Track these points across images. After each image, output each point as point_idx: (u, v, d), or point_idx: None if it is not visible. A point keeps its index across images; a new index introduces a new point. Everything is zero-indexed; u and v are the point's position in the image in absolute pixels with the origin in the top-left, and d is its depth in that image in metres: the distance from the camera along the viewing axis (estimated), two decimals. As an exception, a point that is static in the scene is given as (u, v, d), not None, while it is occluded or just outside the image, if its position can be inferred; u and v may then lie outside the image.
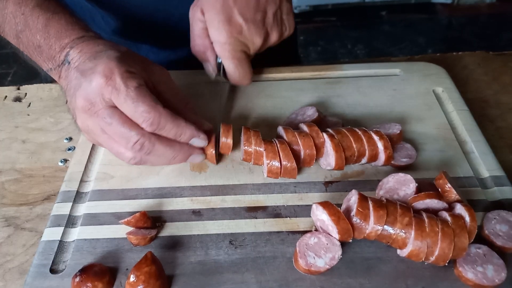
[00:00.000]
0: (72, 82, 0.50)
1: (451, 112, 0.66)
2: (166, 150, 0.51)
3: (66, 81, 0.51)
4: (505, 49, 0.84)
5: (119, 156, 0.51)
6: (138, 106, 0.47)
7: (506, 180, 0.55)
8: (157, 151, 0.50)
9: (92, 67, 0.48)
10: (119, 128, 0.48)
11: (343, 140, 0.54)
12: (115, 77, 0.47)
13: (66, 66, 0.52)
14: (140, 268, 0.43)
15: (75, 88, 0.49)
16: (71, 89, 0.50)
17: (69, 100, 0.51)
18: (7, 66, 2.47)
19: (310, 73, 0.73)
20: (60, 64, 0.52)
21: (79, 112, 0.50)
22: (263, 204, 0.53)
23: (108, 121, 0.48)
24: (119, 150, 0.50)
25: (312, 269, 0.44)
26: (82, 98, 0.48)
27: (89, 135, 0.52)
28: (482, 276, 0.44)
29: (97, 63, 0.48)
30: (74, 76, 0.50)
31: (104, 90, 0.47)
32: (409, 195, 0.50)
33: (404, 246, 0.45)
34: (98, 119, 0.48)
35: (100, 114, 0.48)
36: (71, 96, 0.50)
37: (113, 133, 0.49)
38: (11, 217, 0.55)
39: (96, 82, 0.47)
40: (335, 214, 0.45)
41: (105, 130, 0.49)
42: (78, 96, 0.48)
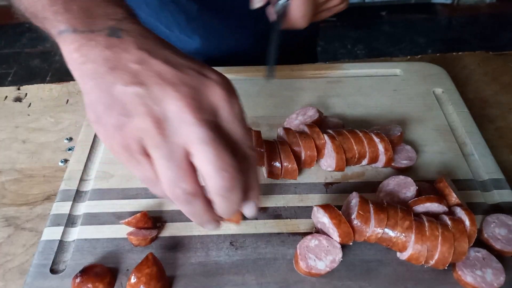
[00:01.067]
0: (129, 61, 0.37)
1: (451, 114, 0.66)
2: (238, 202, 0.39)
3: (99, 52, 0.37)
4: (505, 49, 0.84)
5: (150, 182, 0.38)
6: (249, 133, 0.38)
7: (505, 183, 0.55)
8: (238, 191, 0.38)
9: (189, 67, 0.38)
10: (221, 151, 0.36)
11: (344, 142, 0.54)
12: (234, 91, 0.38)
13: (107, 37, 0.38)
14: (141, 269, 0.43)
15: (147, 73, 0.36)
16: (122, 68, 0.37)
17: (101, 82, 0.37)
18: (7, 66, 2.47)
19: (311, 72, 0.74)
20: (96, 30, 0.38)
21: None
22: (263, 205, 0.53)
23: (209, 135, 0.35)
24: None
25: (312, 271, 0.44)
26: (187, 98, 0.36)
27: None
28: (481, 280, 0.44)
29: (200, 64, 0.38)
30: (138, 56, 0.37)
31: (222, 100, 0.37)
32: (409, 197, 0.50)
33: (404, 250, 0.45)
34: (193, 129, 0.35)
35: (202, 124, 0.36)
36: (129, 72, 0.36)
37: (206, 151, 0.35)
38: (11, 217, 0.55)
39: (218, 89, 0.37)
40: (336, 218, 0.45)
41: (196, 145, 0.35)
42: (173, 91, 0.36)
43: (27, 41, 2.63)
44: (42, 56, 2.50)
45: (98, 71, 0.37)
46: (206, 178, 0.36)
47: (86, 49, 0.37)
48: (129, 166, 0.39)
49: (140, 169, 0.38)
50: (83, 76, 0.38)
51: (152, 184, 0.38)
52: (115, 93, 0.36)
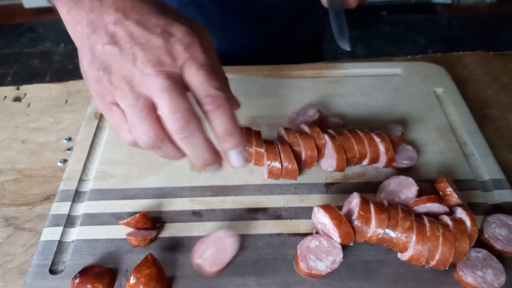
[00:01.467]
0: (107, 22, 0.42)
1: (451, 114, 0.66)
2: (202, 143, 0.41)
3: (84, 14, 0.43)
4: (505, 49, 0.84)
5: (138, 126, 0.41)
6: (212, 79, 0.41)
7: (506, 183, 0.55)
8: (193, 138, 0.41)
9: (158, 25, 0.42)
10: (174, 95, 0.39)
11: (345, 142, 0.54)
12: (197, 45, 0.42)
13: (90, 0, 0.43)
14: (140, 270, 0.43)
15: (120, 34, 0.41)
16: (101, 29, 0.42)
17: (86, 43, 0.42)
18: (7, 66, 2.46)
19: (311, 72, 0.73)
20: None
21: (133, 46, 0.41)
22: (263, 205, 0.53)
23: (165, 84, 0.39)
24: None
25: (313, 272, 0.44)
26: (149, 55, 0.40)
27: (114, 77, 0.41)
28: (481, 280, 0.44)
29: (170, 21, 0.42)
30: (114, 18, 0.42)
31: (181, 54, 0.41)
32: (410, 198, 0.50)
33: (405, 250, 0.45)
34: (154, 80, 0.39)
35: (160, 75, 0.40)
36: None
37: (163, 97, 0.40)
38: (11, 217, 0.55)
39: (178, 45, 0.41)
40: (337, 218, 0.45)
41: (155, 93, 0.40)
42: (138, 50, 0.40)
43: (27, 41, 2.63)
44: (41, 56, 2.50)
45: (84, 32, 0.43)
46: (165, 122, 0.41)
47: (74, 11, 0.44)
48: (104, 114, 0.44)
49: (112, 116, 0.43)
50: (75, 36, 0.45)
51: (122, 131, 0.43)
52: (96, 52, 0.42)
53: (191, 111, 0.40)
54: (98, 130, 0.63)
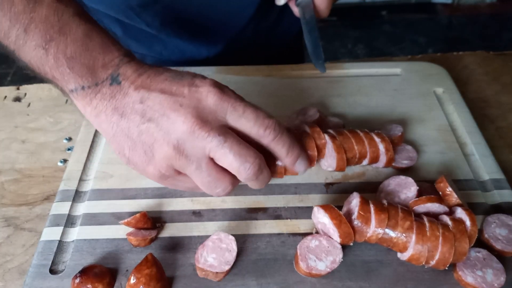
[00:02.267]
0: (132, 103, 0.41)
1: (451, 114, 0.66)
2: (268, 174, 0.45)
3: (107, 102, 0.42)
4: (506, 49, 0.84)
5: (222, 186, 0.43)
6: (259, 113, 0.42)
7: (506, 183, 0.55)
8: (263, 174, 0.44)
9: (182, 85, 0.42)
10: (236, 148, 0.41)
11: (345, 142, 0.54)
12: (227, 90, 0.42)
13: (110, 86, 0.42)
14: (140, 270, 0.43)
15: (150, 109, 0.41)
16: (130, 112, 0.42)
17: (118, 130, 0.42)
18: (7, 66, 2.46)
19: (311, 72, 0.73)
20: (99, 82, 0.42)
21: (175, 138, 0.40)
22: (263, 205, 0.53)
23: (222, 140, 0.40)
24: (224, 179, 0.43)
25: (313, 272, 0.44)
26: (190, 117, 0.40)
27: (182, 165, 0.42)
28: (481, 280, 0.44)
29: (191, 78, 0.42)
30: (138, 96, 0.42)
31: (220, 105, 0.41)
32: (410, 198, 0.50)
33: (404, 250, 0.45)
34: (208, 140, 0.40)
35: (212, 134, 0.40)
36: (135, 122, 0.41)
37: (226, 154, 0.41)
38: (10, 217, 0.55)
39: (211, 96, 0.41)
40: (337, 218, 0.45)
41: (215, 152, 0.41)
42: (176, 116, 0.40)
43: (27, 41, 2.63)
44: (42, 56, 2.49)
45: (112, 120, 0.42)
46: (235, 172, 0.42)
47: (95, 102, 0.42)
48: (172, 187, 0.46)
49: (180, 185, 0.45)
50: (100, 127, 0.43)
51: (197, 190, 0.45)
52: (133, 136, 0.42)
53: (255, 154, 0.42)
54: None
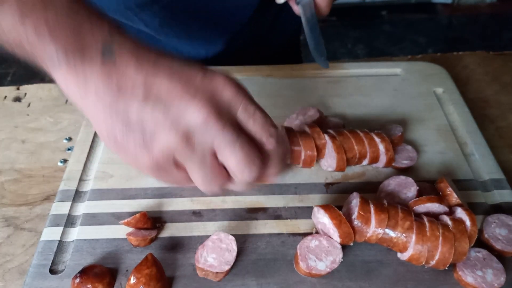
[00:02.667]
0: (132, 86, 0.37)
1: (451, 114, 0.66)
2: None
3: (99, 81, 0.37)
4: (506, 49, 0.84)
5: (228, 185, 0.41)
6: (267, 119, 0.40)
7: (506, 183, 0.55)
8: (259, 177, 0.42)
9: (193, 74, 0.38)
10: (246, 150, 0.38)
11: (345, 142, 0.54)
12: (242, 86, 0.40)
13: (103, 62, 0.37)
14: (140, 270, 0.43)
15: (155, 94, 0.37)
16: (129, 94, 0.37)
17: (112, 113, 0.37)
18: (7, 66, 2.46)
19: (311, 72, 0.73)
20: (88, 55, 0.36)
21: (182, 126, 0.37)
22: (263, 205, 0.53)
23: (235, 138, 0.38)
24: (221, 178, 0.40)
25: (313, 272, 0.44)
26: (206, 107, 0.37)
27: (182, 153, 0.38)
28: (481, 280, 0.44)
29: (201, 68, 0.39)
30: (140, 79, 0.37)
31: (234, 100, 0.39)
32: (410, 198, 0.50)
33: (404, 250, 0.45)
34: (221, 135, 0.37)
35: (226, 129, 0.37)
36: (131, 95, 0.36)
37: (235, 153, 0.38)
38: (10, 217, 0.55)
39: (228, 89, 0.38)
40: (337, 218, 0.45)
41: (224, 148, 0.38)
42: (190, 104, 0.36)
43: (27, 41, 2.63)
44: (42, 56, 2.49)
45: (105, 101, 0.37)
46: (236, 173, 0.39)
47: (82, 79, 0.36)
48: (160, 179, 0.41)
49: (172, 178, 0.40)
50: (87, 107, 0.38)
51: (185, 185, 0.41)
52: (131, 120, 0.37)
53: (259, 158, 0.40)
54: (98, 130, 0.63)
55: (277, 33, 0.86)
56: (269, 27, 0.83)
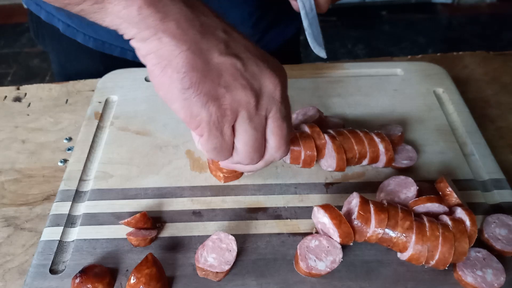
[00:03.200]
0: (215, 28, 0.37)
1: (451, 114, 0.66)
2: None
3: (182, 12, 0.36)
4: (506, 49, 0.84)
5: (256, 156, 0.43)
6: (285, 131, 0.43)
7: (505, 183, 0.55)
8: None
9: None
10: (290, 126, 0.42)
11: (345, 142, 0.54)
12: None
13: None
14: (140, 270, 0.43)
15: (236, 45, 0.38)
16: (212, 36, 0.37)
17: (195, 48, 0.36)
18: (7, 66, 2.46)
19: (311, 72, 0.73)
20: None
21: None
22: (263, 205, 0.53)
23: (286, 112, 0.41)
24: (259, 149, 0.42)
25: (313, 272, 0.44)
26: (278, 78, 0.39)
27: None
28: (481, 280, 0.44)
29: None
30: (221, 25, 0.38)
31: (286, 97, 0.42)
32: (410, 198, 0.50)
33: (404, 250, 0.45)
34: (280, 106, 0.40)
35: (285, 104, 0.41)
36: None
37: (282, 127, 0.41)
38: (10, 217, 0.55)
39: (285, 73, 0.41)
40: (337, 218, 0.45)
41: (277, 119, 0.41)
42: (266, 69, 0.38)
43: (26, 41, 2.63)
44: (41, 56, 2.50)
45: (187, 34, 0.36)
46: (273, 147, 0.42)
47: (161, 4, 0.35)
48: (208, 136, 0.39)
49: (220, 140, 0.40)
50: (162, 34, 0.36)
51: (221, 154, 0.42)
52: (212, 61, 0.36)
53: None
54: (98, 130, 0.63)
55: (276, 34, 0.86)
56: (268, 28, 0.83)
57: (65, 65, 0.86)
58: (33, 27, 0.84)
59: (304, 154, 0.54)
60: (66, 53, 0.83)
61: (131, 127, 0.64)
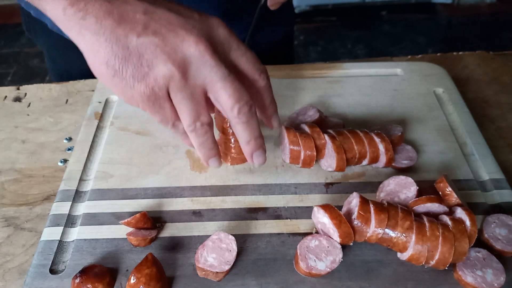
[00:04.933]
0: (133, 12, 0.39)
1: (451, 114, 0.66)
2: (257, 124, 0.45)
3: (99, 5, 0.38)
4: (505, 49, 0.84)
5: None
6: (257, 58, 0.43)
7: (505, 183, 0.55)
8: (253, 119, 0.44)
9: (191, 11, 0.41)
10: (236, 85, 0.41)
11: (345, 142, 0.54)
12: (231, 29, 0.42)
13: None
14: (140, 270, 0.43)
15: (156, 22, 0.39)
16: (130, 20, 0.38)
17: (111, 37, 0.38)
18: (7, 66, 2.46)
19: (311, 72, 0.73)
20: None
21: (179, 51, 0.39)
22: (263, 205, 0.53)
23: (227, 74, 0.40)
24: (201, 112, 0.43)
25: (312, 272, 0.44)
26: (203, 41, 0.39)
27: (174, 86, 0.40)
28: (481, 280, 0.44)
29: (197, 8, 0.42)
30: (141, 7, 0.39)
31: (228, 39, 0.41)
32: (409, 198, 0.50)
33: (404, 250, 0.45)
34: (214, 70, 0.40)
35: (219, 65, 0.40)
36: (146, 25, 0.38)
37: (226, 88, 0.41)
38: (11, 217, 0.55)
39: (222, 29, 0.41)
40: (337, 218, 0.45)
41: (215, 83, 0.41)
42: (188, 36, 0.39)
43: (26, 41, 2.63)
44: (41, 55, 2.49)
45: (104, 25, 0.38)
46: (226, 109, 0.42)
47: (82, 3, 0.38)
48: (150, 112, 0.42)
49: (162, 113, 0.42)
50: (84, 31, 0.38)
51: (171, 124, 0.44)
52: (131, 45, 0.38)
53: (249, 96, 0.42)
54: (98, 130, 0.63)
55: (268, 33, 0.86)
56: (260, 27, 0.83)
57: (56, 59, 0.86)
58: (25, 22, 0.85)
59: (303, 154, 0.54)
60: (56, 48, 0.83)
61: (131, 127, 0.64)
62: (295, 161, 0.55)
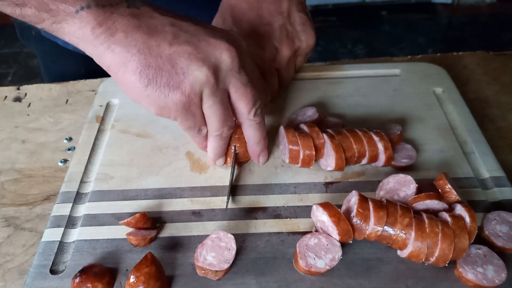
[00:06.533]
0: (161, 25, 0.41)
1: (451, 113, 0.66)
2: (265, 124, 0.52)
3: (126, 21, 0.40)
4: (506, 49, 0.84)
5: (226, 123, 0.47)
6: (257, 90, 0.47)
7: (506, 181, 0.55)
8: (263, 122, 0.51)
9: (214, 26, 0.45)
10: (254, 91, 0.46)
11: (344, 141, 0.54)
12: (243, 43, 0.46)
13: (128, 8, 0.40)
14: (140, 269, 0.43)
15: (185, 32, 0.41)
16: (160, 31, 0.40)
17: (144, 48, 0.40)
18: (7, 66, 2.47)
19: (311, 73, 0.73)
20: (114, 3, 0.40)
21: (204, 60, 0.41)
22: (263, 204, 0.53)
23: (247, 80, 0.45)
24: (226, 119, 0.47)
25: (312, 270, 0.44)
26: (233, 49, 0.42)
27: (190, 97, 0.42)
28: (482, 277, 0.44)
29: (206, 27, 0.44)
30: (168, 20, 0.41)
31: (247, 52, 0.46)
32: (409, 195, 0.50)
33: (404, 247, 0.45)
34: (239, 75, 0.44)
35: (243, 72, 0.44)
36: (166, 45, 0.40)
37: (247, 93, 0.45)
38: (11, 217, 0.55)
39: (243, 42, 0.45)
40: (336, 215, 0.45)
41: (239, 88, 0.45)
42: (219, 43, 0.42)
43: (27, 42, 2.63)
44: (42, 57, 2.50)
45: (135, 38, 0.39)
46: (244, 112, 0.46)
47: (110, 22, 0.39)
48: (182, 119, 0.44)
49: (192, 120, 0.44)
50: (114, 46, 0.40)
51: (197, 132, 0.47)
52: (163, 54, 0.40)
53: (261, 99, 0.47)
54: (99, 133, 0.63)
55: None
56: None
57: (49, 65, 0.86)
58: (18, 29, 0.85)
59: (303, 154, 0.54)
60: (50, 54, 0.84)
61: (131, 129, 0.64)
62: (295, 161, 0.55)
